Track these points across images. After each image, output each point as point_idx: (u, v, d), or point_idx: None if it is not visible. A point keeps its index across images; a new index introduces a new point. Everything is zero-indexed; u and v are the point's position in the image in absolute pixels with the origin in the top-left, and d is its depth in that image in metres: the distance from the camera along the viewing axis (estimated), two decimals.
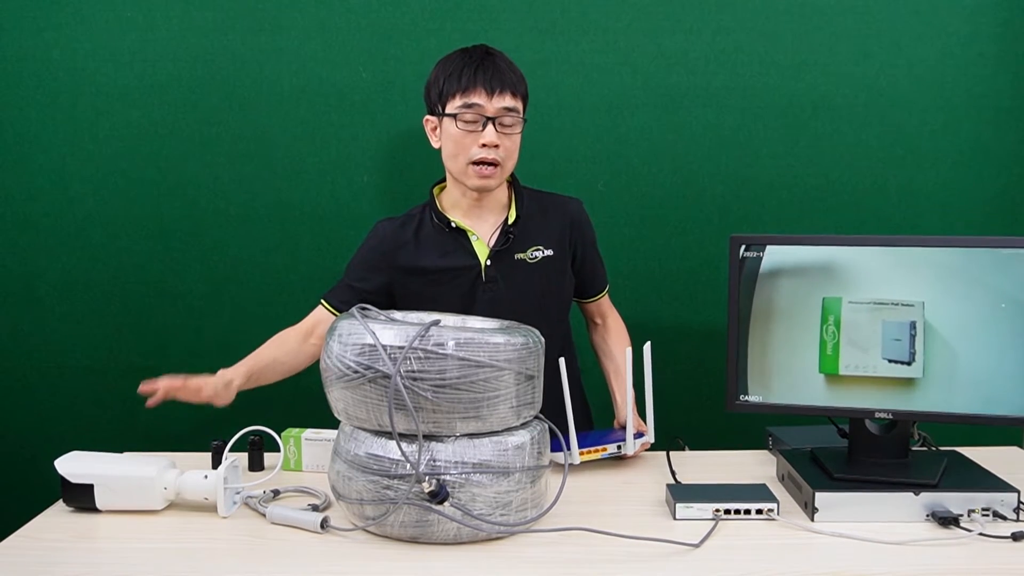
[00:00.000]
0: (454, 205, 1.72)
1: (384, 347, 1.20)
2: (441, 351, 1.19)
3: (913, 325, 1.40)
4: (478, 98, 1.59)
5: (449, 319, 1.47)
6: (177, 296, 2.10)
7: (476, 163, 1.61)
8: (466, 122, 1.60)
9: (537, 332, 1.34)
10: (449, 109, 1.61)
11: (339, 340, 1.25)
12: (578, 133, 2.08)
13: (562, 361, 1.52)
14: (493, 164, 1.61)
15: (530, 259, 1.70)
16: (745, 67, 2.06)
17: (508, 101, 1.60)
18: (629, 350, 1.58)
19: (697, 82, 2.06)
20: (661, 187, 2.10)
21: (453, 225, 1.69)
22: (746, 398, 1.47)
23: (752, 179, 2.10)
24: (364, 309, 1.34)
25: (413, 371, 1.19)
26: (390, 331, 1.21)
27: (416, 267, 1.70)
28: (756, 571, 1.16)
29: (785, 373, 1.46)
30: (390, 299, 1.74)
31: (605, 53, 2.05)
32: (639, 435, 1.60)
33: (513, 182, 1.74)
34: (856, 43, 2.06)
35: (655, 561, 1.19)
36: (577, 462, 1.53)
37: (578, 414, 1.84)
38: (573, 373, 1.85)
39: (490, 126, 1.59)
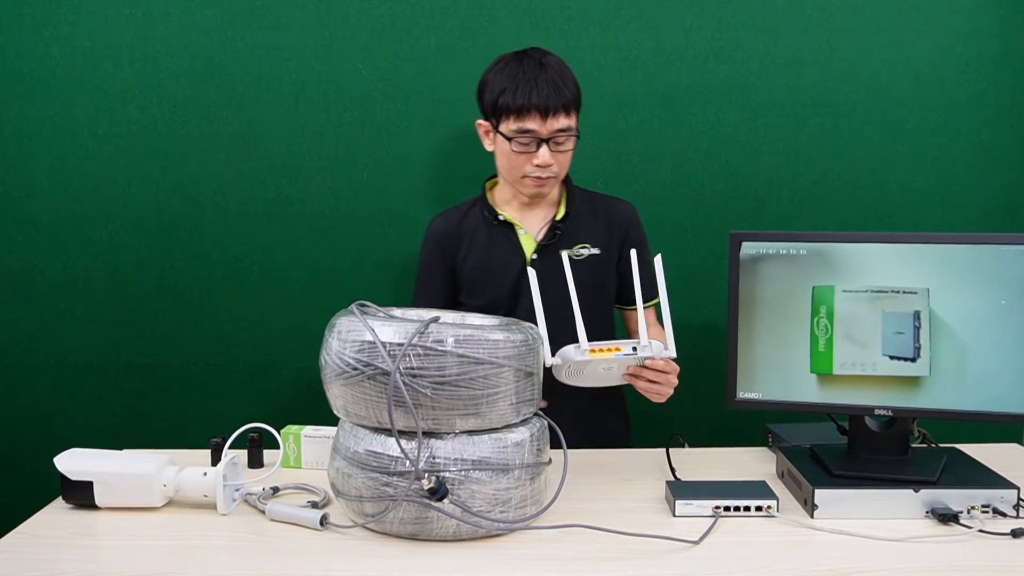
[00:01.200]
0: (506, 202, 1.76)
1: (383, 344, 1.20)
2: (440, 348, 1.19)
3: (917, 316, 1.34)
4: (532, 123, 1.60)
5: (448, 316, 1.47)
6: (176, 293, 2.10)
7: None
8: (521, 144, 1.62)
9: (536, 329, 1.34)
10: (503, 130, 1.63)
11: (338, 337, 1.25)
12: None
13: (531, 273, 1.48)
14: (552, 177, 1.65)
15: (576, 256, 1.71)
16: (745, 64, 2.06)
17: (562, 121, 1.61)
18: (658, 258, 1.46)
19: (697, 79, 2.06)
20: (661, 184, 2.10)
21: (501, 218, 1.72)
22: (745, 395, 1.47)
23: (752, 176, 2.10)
24: (363, 306, 1.34)
25: (412, 368, 1.19)
26: (389, 328, 1.21)
27: (465, 258, 1.75)
28: (756, 568, 1.16)
29: (777, 371, 1.43)
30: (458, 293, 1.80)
31: (605, 50, 2.05)
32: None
33: (566, 179, 1.76)
34: (856, 40, 2.06)
35: (655, 558, 1.19)
36: (586, 358, 1.42)
37: (617, 420, 1.86)
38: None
39: (544, 147, 1.61)
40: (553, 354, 1.45)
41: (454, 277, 1.78)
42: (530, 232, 1.73)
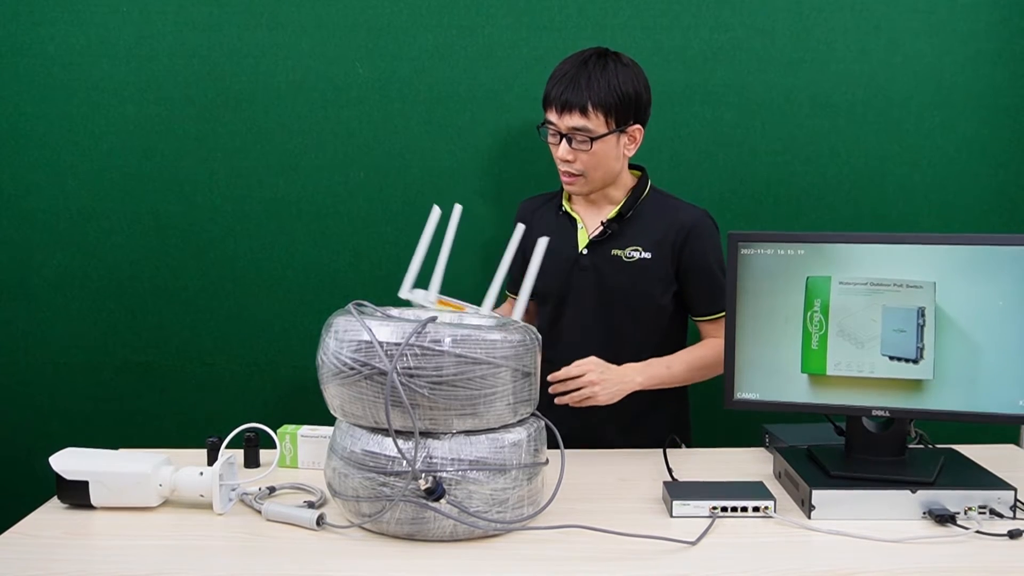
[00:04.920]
0: (577, 195, 1.79)
1: (380, 344, 1.20)
2: (438, 348, 1.19)
3: (921, 312, 1.27)
4: (552, 116, 1.66)
5: (446, 316, 1.47)
6: (173, 292, 2.10)
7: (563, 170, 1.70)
8: (549, 134, 1.68)
9: (534, 329, 1.34)
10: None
11: (335, 336, 1.25)
12: None
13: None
14: (574, 173, 1.68)
15: (626, 257, 1.72)
16: (743, 64, 2.06)
17: (576, 120, 1.63)
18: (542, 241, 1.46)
19: (695, 79, 2.06)
20: (658, 184, 2.09)
21: (563, 210, 1.77)
22: (743, 395, 1.46)
23: (750, 176, 2.09)
24: (360, 306, 1.34)
25: (409, 368, 1.19)
26: (386, 328, 1.21)
27: (530, 243, 1.74)
28: (753, 569, 1.16)
29: (774, 372, 1.42)
30: None
31: None
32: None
33: (638, 181, 1.78)
34: (854, 40, 2.06)
35: (652, 559, 1.19)
36: (432, 304, 1.43)
37: (679, 425, 1.85)
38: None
39: (564, 142, 1.66)
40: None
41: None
42: (588, 227, 1.76)
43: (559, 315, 1.77)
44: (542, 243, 1.44)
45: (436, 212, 1.48)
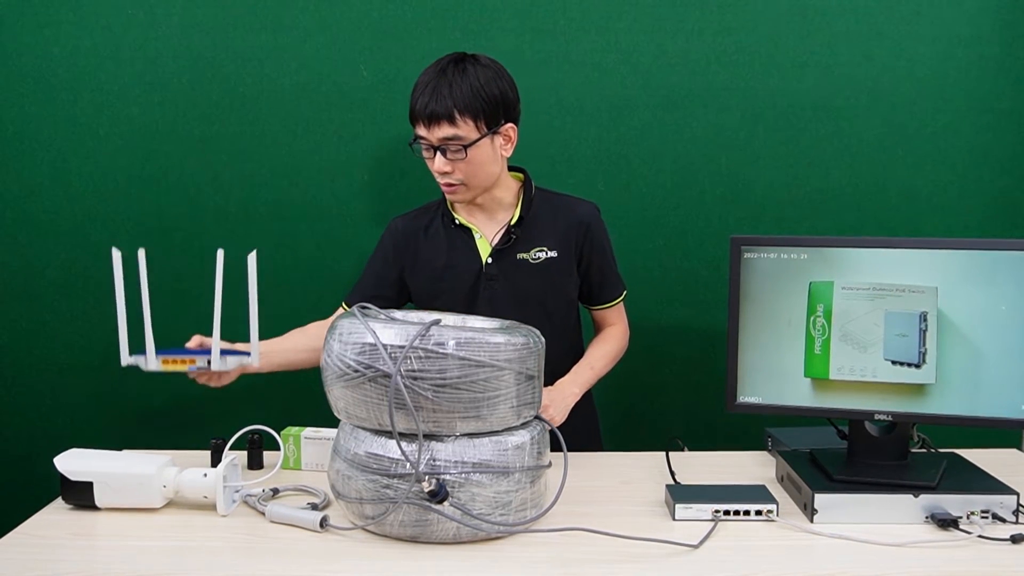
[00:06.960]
0: (463, 205, 1.74)
1: (385, 346, 1.20)
2: (442, 351, 1.19)
3: (924, 317, 1.27)
4: (421, 130, 1.60)
5: (450, 318, 1.47)
6: (176, 293, 2.10)
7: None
8: (422, 149, 1.64)
9: (538, 332, 1.34)
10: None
11: (339, 339, 1.25)
12: (578, 133, 2.08)
13: (251, 258, 1.46)
14: (454, 183, 1.64)
15: (533, 259, 1.70)
16: (746, 68, 2.06)
17: (446, 130, 1.57)
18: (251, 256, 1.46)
19: (698, 83, 2.06)
20: (661, 187, 2.10)
21: (457, 222, 1.71)
22: (745, 399, 1.46)
23: (752, 180, 2.10)
24: (364, 308, 1.34)
25: (413, 370, 1.19)
26: (391, 330, 1.21)
27: (422, 262, 1.74)
28: (755, 572, 1.17)
29: (776, 375, 1.42)
30: (406, 296, 1.79)
31: (606, 53, 2.05)
32: (239, 353, 1.52)
33: (525, 183, 1.75)
34: (857, 45, 2.06)
35: (654, 562, 1.19)
36: (158, 368, 1.44)
37: (585, 419, 1.83)
38: None
39: (438, 155, 1.60)
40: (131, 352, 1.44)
41: (401, 280, 1.77)
42: (486, 236, 1.72)
43: None
44: (251, 259, 1.42)
45: (116, 256, 1.45)
